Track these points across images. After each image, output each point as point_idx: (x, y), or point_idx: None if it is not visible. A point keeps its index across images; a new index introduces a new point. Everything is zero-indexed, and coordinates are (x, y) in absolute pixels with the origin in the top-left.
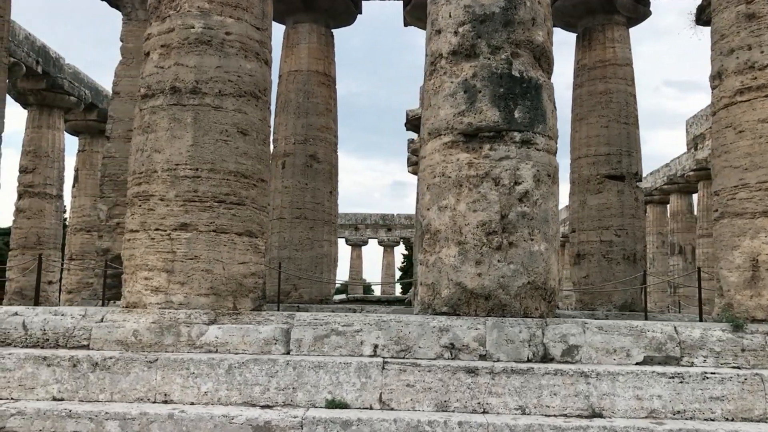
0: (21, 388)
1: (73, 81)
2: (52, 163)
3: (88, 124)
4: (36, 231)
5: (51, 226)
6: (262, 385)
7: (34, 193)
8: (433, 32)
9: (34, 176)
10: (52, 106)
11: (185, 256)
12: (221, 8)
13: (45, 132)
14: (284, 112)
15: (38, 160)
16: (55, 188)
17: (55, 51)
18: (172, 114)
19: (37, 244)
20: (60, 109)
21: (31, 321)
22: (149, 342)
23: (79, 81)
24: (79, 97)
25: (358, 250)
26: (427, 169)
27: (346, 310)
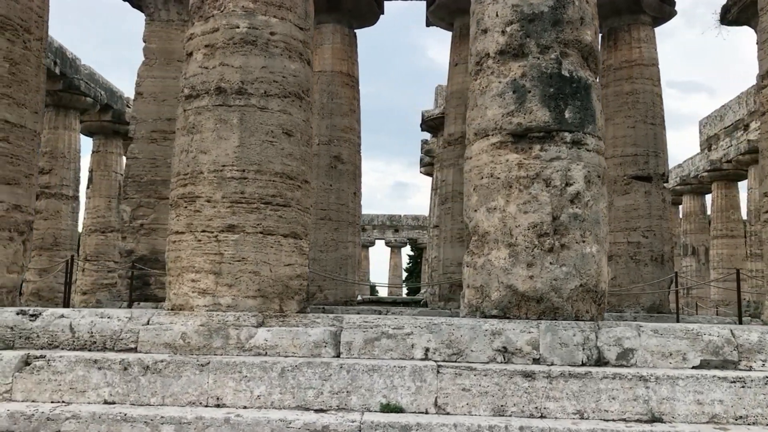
0: (72, 392)
1: (89, 82)
2: (69, 164)
3: (103, 125)
4: (53, 232)
5: (67, 227)
6: (316, 389)
7: (50, 194)
8: (478, 32)
9: (51, 177)
10: (69, 107)
11: (233, 257)
12: (265, 8)
13: (61, 133)
14: None
15: (54, 161)
16: (72, 189)
17: (72, 52)
18: (218, 115)
19: (54, 245)
20: (76, 110)
21: (78, 323)
22: (198, 345)
23: (94, 82)
24: (95, 98)
25: (365, 251)
26: (473, 170)
27: (372, 312)
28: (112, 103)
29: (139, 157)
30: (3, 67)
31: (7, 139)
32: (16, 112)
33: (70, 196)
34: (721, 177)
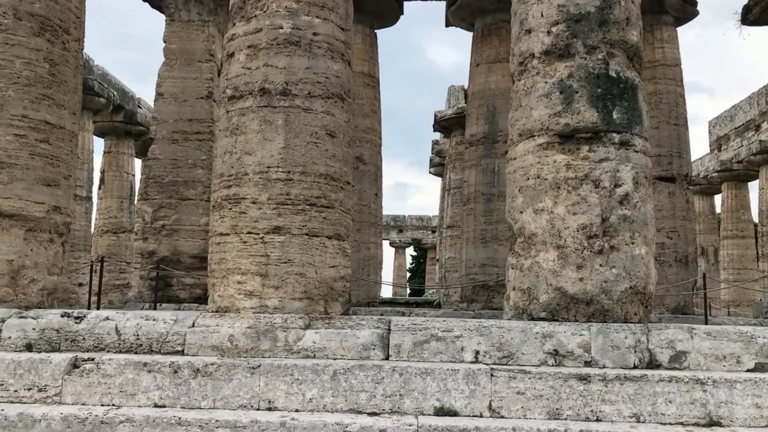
0: (122, 395)
1: (102, 82)
2: (82, 165)
3: (115, 125)
4: None
5: (81, 228)
6: (368, 392)
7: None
8: (522, 32)
9: None
10: (82, 108)
11: (279, 259)
12: (308, 8)
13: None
14: None
15: None
16: (85, 190)
17: (86, 52)
18: (263, 116)
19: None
20: (89, 110)
21: (124, 326)
22: (245, 347)
23: (107, 82)
24: (108, 99)
25: None
26: (518, 170)
27: (396, 313)
28: (124, 104)
29: (160, 158)
30: (43, 68)
31: (47, 140)
32: (55, 113)
33: (84, 197)
34: (732, 177)
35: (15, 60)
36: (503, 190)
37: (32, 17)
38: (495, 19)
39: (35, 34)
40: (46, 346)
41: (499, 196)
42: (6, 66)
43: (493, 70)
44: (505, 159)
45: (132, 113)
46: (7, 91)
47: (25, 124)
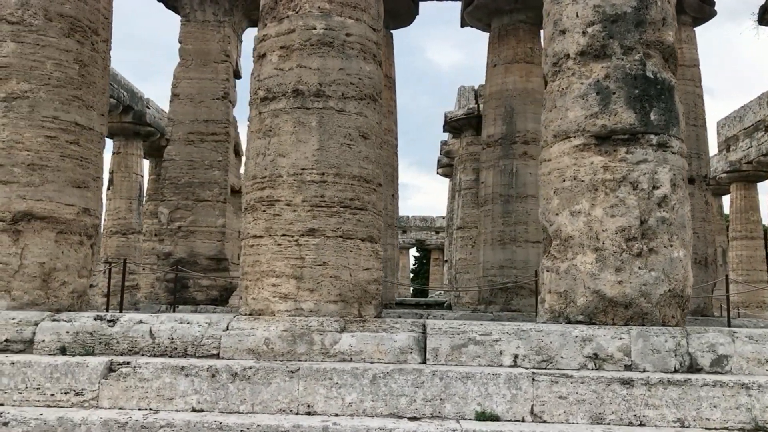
0: (159, 399)
1: (112, 83)
2: None
3: (124, 126)
4: None
5: None
6: (408, 396)
7: None
8: (556, 32)
9: None
10: None
11: (314, 262)
12: (341, 9)
13: None
14: None
15: None
16: None
17: None
18: (297, 117)
19: None
20: None
21: (158, 329)
22: (281, 351)
23: (117, 83)
24: (118, 99)
25: None
26: (553, 172)
27: (413, 315)
28: (133, 104)
29: (176, 159)
30: (73, 69)
31: (77, 142)
32: (85, 114)
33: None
34: (741, 178)
35: (46, 61)
36: (522, 192)
37: (62, 18)
38: (512, 20)
39: (65, 35)
40: (80, 349)
41: (517, 197)
42: (37, 67)
43: (511, 71)
44: (523, 160)
45: (141, 114)
46: (39, 92)
47: (56, 126)
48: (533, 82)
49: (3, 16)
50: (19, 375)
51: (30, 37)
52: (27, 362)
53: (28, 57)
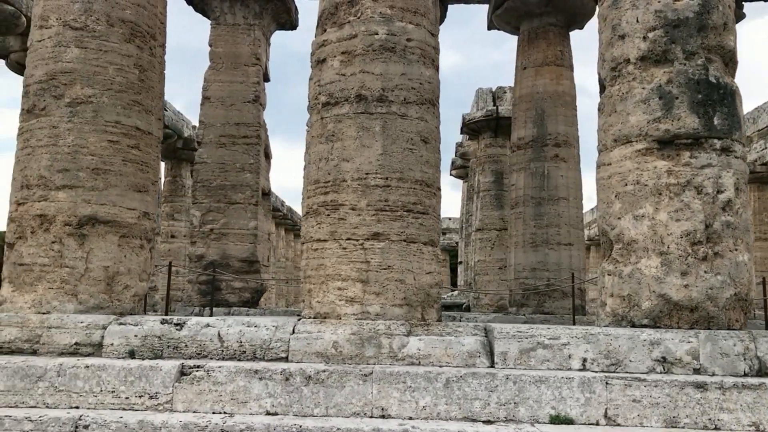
0: (233, 402)
1: None
2: None
3: None
4: None
5: None
6: (482, 400)
7: None
8: (614, 37)
9: None
10: None
11: (379, 265)
12: (402, 14)
13: None
14: None
15: None
16: None
17: None
18: (360, 122)
19: None
20: None
21: (227, 333)
22: (350, 354)
23: None
24: None
25: None
26: (614, 176)
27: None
28: None
29: (208, 162)
30: (133, 74)
31: (138, 147)
32: (144, 119)
33: None
34: (755, 180)
35: (108, 66)
36: (553, 194)
37: (123, 23)
38: (542, 23)
39: (126, 41)
40: (148, 353)
41: (549, 199)
42: (100, 72)
43: (541, 74)
44: (555, 162)
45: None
46: (102, 97)
47: (118, 131)
48: (563, 84)
49: (67, 21)
50: (94, 378)
51: (93, 42)
52: (101, 366)
53: (92, 62)
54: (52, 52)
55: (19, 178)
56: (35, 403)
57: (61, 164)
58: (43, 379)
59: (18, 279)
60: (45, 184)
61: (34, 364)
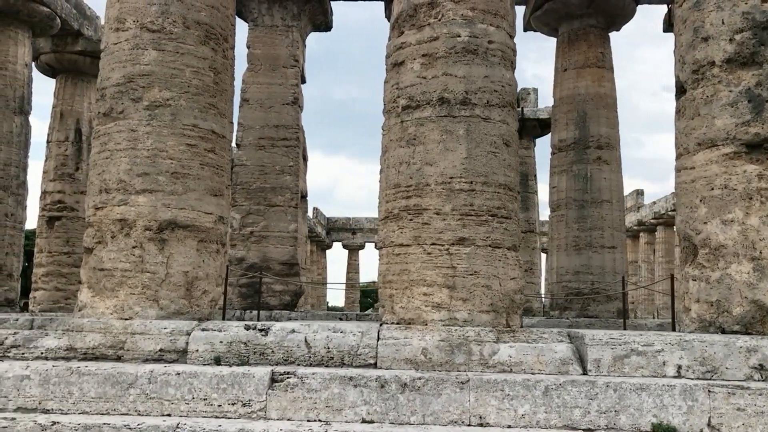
0: (328, 410)
1: None
2: None
3: None
4: None
5: None
6: (582, 408)
7: None
8: (697, 39)
9: None
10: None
11: (466, 271)
12: (483, 16)
13: None
14: None
15: None
16: None
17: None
18: (444, 126)
19: None
20: None
21: (314, 339)
22: (440, 360)
23: None
24: None
25: None
26: (699, 180)
27: None
28: None
29: (247, 164)
30: (209, 77)
31: (213, 150)
32: (219, 122)
33: None
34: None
35: (185, 69)
36: (596, 197)
37: (199, 26)
38: (582, 24)
39: (201, 43)
40: (234, 359)
41: (592, 202)
42: (177, 75)
43: (582, 75)
44: (597, 165)
45: None
46: (179, 100)
47: (196, 134)
48: (605, 86)
49: (144, 24)
50: (186, 385)
51: (170, 45)
52: (193, 372)
53: (169, 65)
54: (130, 55)
55: (97, 182)
56: (126, 410)
57: (140, 168)
58: (134, 386)
59: (98, 284)
60: (125, 188)
61: (124, 371)
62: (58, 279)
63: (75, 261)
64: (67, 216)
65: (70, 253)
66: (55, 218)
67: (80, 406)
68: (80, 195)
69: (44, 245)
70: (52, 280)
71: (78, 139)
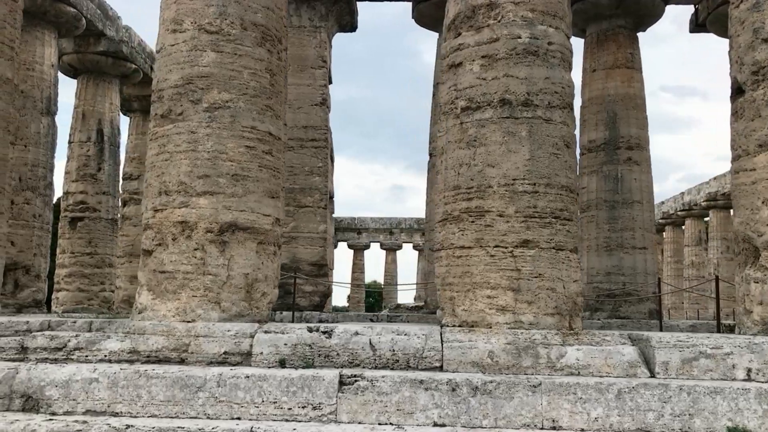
0: (399, 413)
1: None
2: None
3: None
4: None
5: None
6: (656, 411)
7: (139, 200)
8: (757, 40)
9: (140, 183)
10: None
11: (531, 274)
12: (542, 17)
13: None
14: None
15: (143, 167)
16: None
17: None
18: (506, 127)
19: None
20: None
21: (378, 341)
22: (506, 364)
23: None
24: None
25: (393, 254)
26: (760, 182)
27: None
28: None
29: None
30: (265, 79)
31: (270, 152)
32: (275, 124)
33: None
34: None
35: (243, 70)
36: (627, 198)
37: (255, 27)
38: (611, 25)
39: (258, 44)
40: (299, 362)
41: (623, 203)
42: (235, 77)
43: (612, 76)
44: (628, 166)
45: None
46: (238, 102)
47: (254, 136)
48: (634, 87)
49: (202, 25)
50: (255, 389)
51: (228, 46)
52: (262, 375)
53: (227, 66)
54: (188, 56)
55: (156, 184)
56: (196, 413)
57: (201, 170)
58: (203, 389)
59: (159, 287)
60: (185, 191)
61: (192, 374)
62: (80, 280)
63: (97, 262)
64: (90, 217)
65: (92, 254)
66: (77, 219)
67: (149, 410)
68: (102, 196)
69: (67, 246)
70: (75, 281)
71: (100, 139)
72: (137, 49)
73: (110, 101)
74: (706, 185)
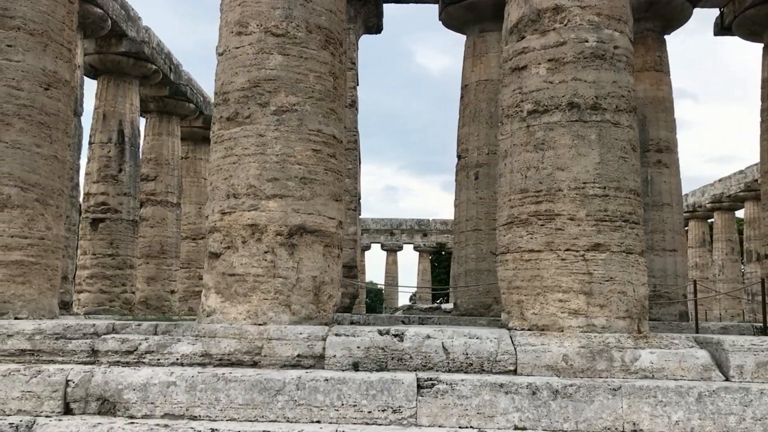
0: (479, 417)
1: (192, 88)
2: (172, 171)
3: (193, 130)
4: (159, 240)
5: (173, 234)
6: (737, 415)
7: (156, 201)
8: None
9: (156, 184)
10: (172, 113)
11: (602, 277)
12: (608, 21)
13: (165, 139)
14: (474, 122)
15: (159, 168)
16: (175, 196)
17: (176, 57)
18: (575, 131)
19: (161, 253)
20: (178, 116)
21: (451, 344)
22: (581, 367)
23: (194, 87)
24: (197, 105)
25: (394, 255)
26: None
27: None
28: (203, 109)
29: None
30: (329, 82)
31: (335, 156)
32: (338, 127)
33: (174, 203)
34: None
35: (309, 74)
36: (657, 200)
37: (320, 30)
38: (640, 28)
39: (322, 47)
40: (372, 365)
41: (653, 205)
42: (301, 80)
43: (641, 79)
44: (657, 168)
45: (209, 118)
46: (305, 105)
47: (320, 139)
48: (663, 90)
49: (268, 28)
50: (334, 392)
51: (294, 49)
52: (341, 379)
53: (293, 69)
54: (255, 59)
55: (223, 187)
56: (275, 417)
57: (270, 173)
58: (282, 392)
59: (229, 290)
60: (255, 194)
61: (270, 377)
62: (102, 281)
63: (119, 263)
64: (111, 218)
65: (113, 255)
66: (98, 220)
67: (228, 413)
68: (123, 197)
69: (88, 247)
70: (97, 282)
71: (121, 140)
72: (157, 50)
73: (130, 102)
74: (710, 187)
